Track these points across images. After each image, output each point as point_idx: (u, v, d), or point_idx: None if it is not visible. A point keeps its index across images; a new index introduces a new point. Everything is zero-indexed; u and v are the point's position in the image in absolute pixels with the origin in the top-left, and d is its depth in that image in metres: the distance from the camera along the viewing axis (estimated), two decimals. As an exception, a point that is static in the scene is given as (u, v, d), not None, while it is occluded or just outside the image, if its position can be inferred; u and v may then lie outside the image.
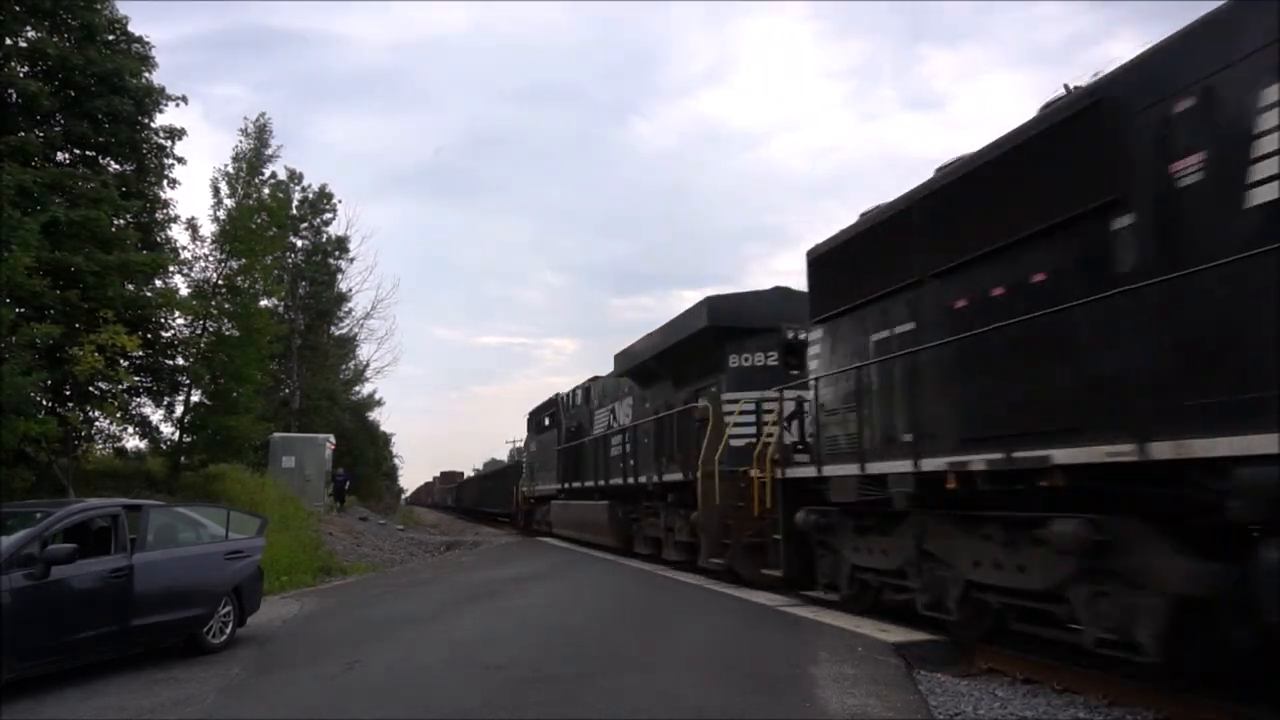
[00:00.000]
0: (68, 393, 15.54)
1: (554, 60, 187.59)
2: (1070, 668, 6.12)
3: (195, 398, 17.72)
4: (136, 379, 16.73)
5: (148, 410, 17.67)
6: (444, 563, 19.74)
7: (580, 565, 16.18)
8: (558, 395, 23.31)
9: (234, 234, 17.98)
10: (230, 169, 19.64)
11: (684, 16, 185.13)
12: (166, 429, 17.89)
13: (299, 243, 34.98)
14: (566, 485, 20.53)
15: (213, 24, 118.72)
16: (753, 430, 11.02)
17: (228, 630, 8.24)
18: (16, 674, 6.21)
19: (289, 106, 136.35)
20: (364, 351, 41.24)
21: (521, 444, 34.11)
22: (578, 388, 21.50)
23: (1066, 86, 6.52)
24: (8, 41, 15.51)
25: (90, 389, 15.20)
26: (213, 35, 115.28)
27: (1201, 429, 4.52)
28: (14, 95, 15.07)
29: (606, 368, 20.65)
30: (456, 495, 56.42)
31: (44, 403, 14.76)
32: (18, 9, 15.47)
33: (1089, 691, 5.74)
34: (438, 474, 71.47)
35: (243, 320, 17.80)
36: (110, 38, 16.82)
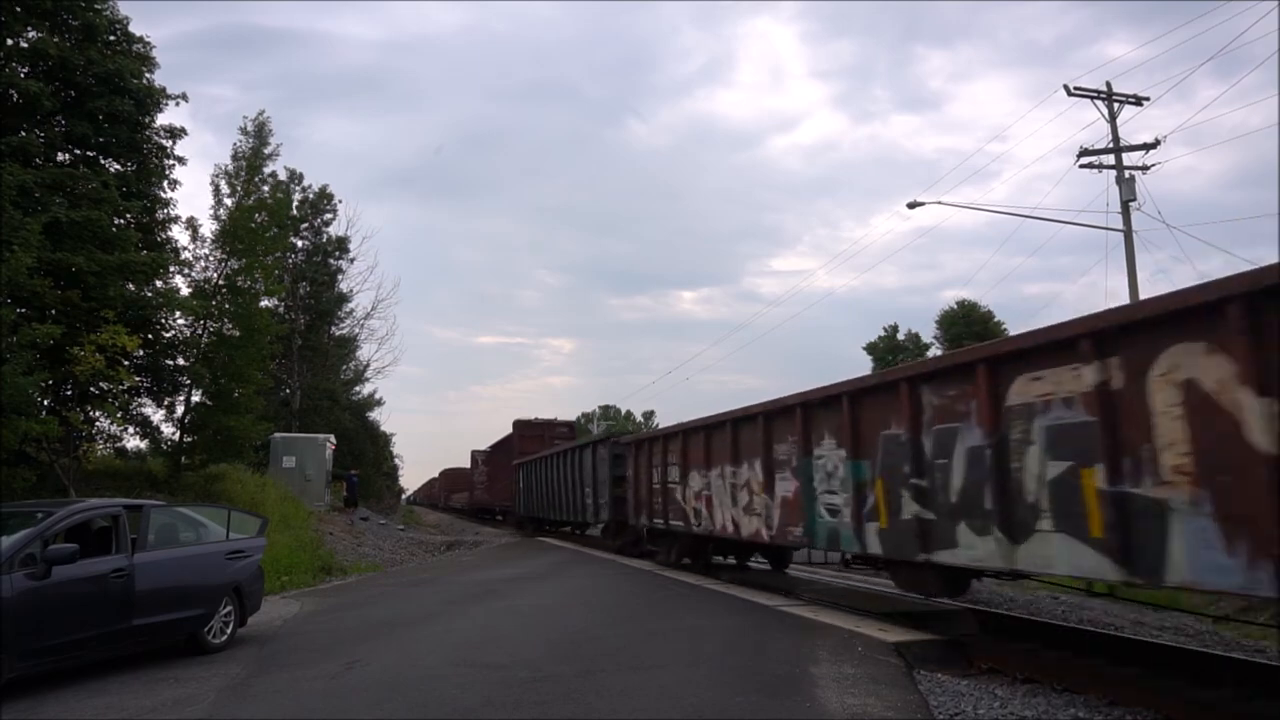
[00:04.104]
0: (68, 393, 15.55)
1: (548, 60, 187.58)
2: (1070, 668, 6.13)
3: (196, 398, 17.70)
4: (137, 379, 16.73)
5: (148, 410, 17.67)
6: (444, 562, 19.75)
7: (581, 565, 16.19)
8: None
9: (234, 233, 17.98)
10: (230, 168, 19.64)
11: (676, 16, 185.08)
12: (167, 429, 17.89)
13: (299, 243, 34.98)
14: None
15: (201, 23, 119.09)
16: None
17: (228, 630, 8.25)
18: (17, 673, 6.22)
19: (280, 106, 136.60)
20: (364, 351, 41.25)
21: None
22: None
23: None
24: (9, 42, 15.52)
25: (91, 389, 15.20)
26: (201, 34, 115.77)
27: None
28: (15, 95, 15.09)
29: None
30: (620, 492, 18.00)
31: (45, 403, 14.77)
32: (18, 9, 15.48)
33: (1089, 691, 5.74)
34: (482, 449, 39.36)
35: (243, 320, 17.79)
36: (111, 38, 16.84)
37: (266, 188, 20.25)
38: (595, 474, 18.71)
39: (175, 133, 17.82)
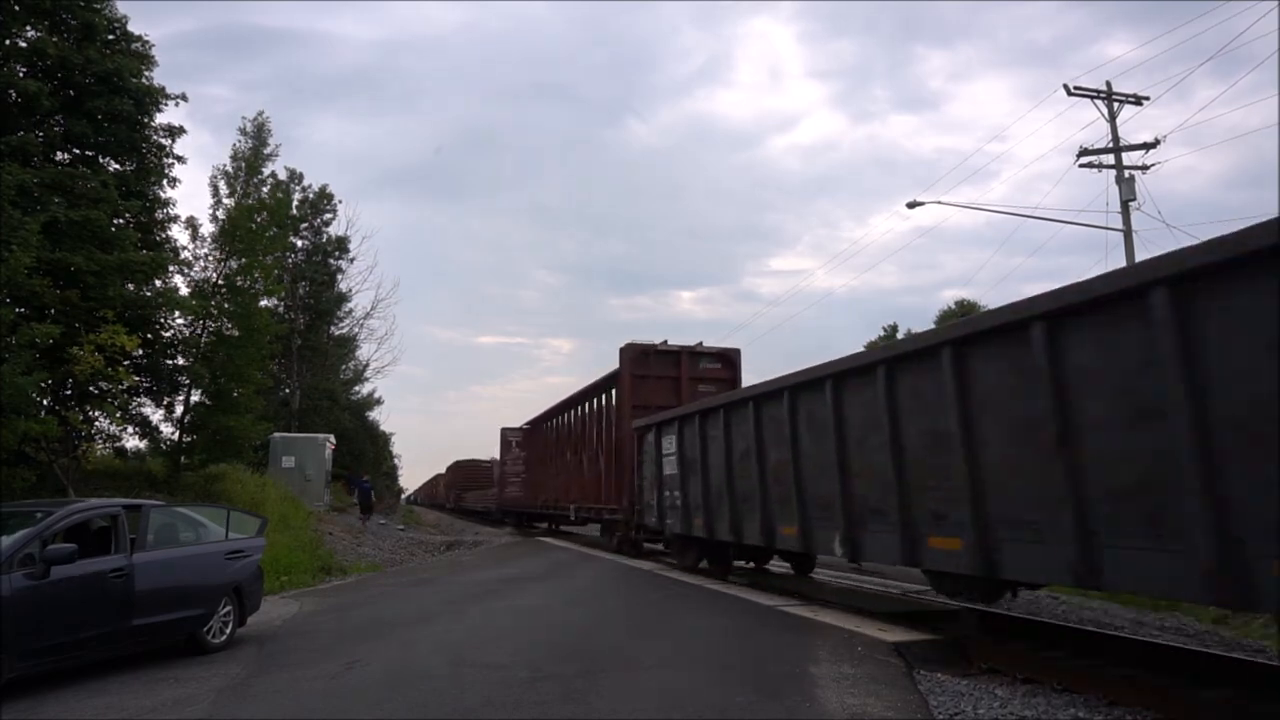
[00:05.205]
0: (68, 393, 15.53)
1: (548, 59, 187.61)
2: (1070, 667, 6.13)
3: (195, 398, 17.71)
4: (136, 379, 16.72)
5: (148, 410, 17.67)
6: (444, 562, 19.73)
7: (581, 565, 16.18)
8: None
9: (233, 234, 17.98)
10: (229, 168, 19.66)
11: (676, 16, 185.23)
12: (166, 429, 17.90)
13: (299, 243, 35.05)
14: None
15: (199, 22, 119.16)
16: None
17: (228, 630, 8.24)
18: (17, 674, 6.22)
19: (278, 106, 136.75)
20: (364, 351, 41.34)
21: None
22: None
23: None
24: (7, 41, 15.50)
25: (90, 389, 15.20)
26: (199, 34, 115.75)
27: None
28: (14, 95, 15.08)
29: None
30: None
31: (44, 403, 14.76)
32: (17, 8, 15.47)
33: (1089, 691, 5.74)
34: (516, 427, 29.72)
35: (243, 320, 17.79)
36: (110, 38, 16.83)
37: (266, 188, 20.27)
38: None
39: (174, 132, 17.82)
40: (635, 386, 16.79)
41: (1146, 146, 20.96)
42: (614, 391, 18.07)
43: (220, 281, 18.04)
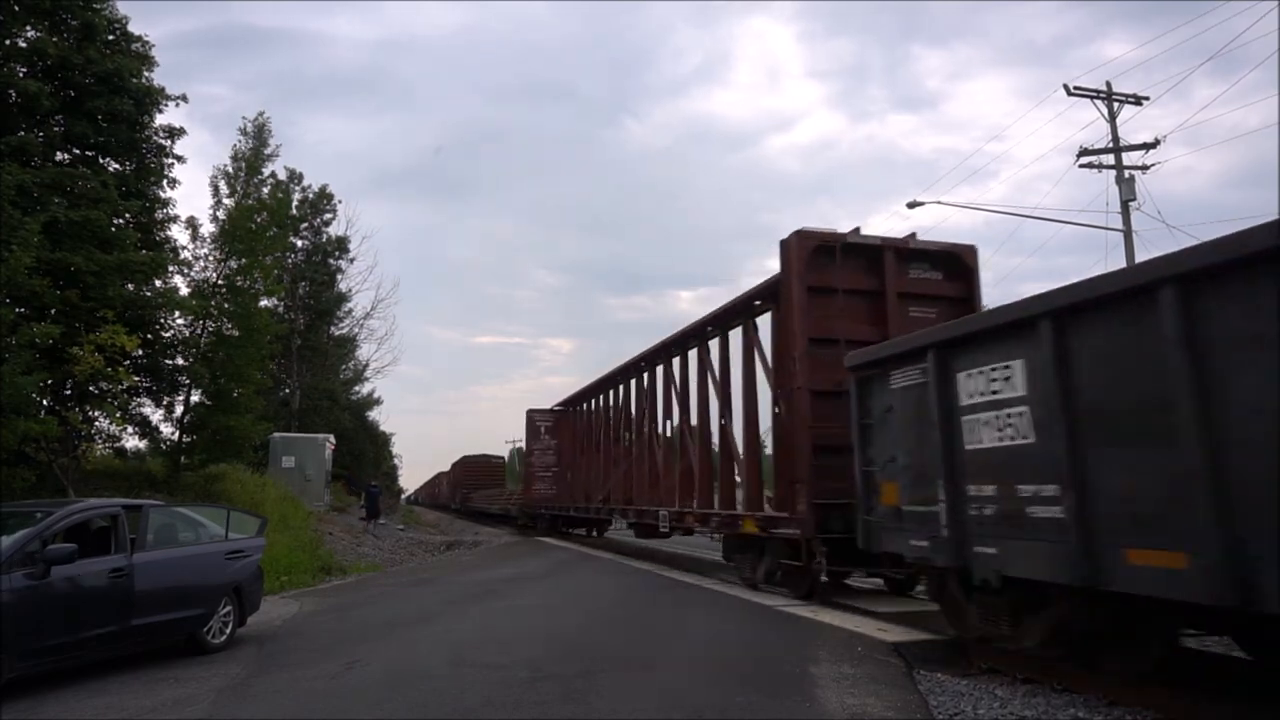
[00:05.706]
0: (68, 393, 15.53)
1: (545, 60, 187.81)
2: (1070, 668, 6.12)
3: (195, 398, 17.71)
4: (136, 379, 16.71)
5: (148, 410, 17.67)
6: (444, 562, 19.74)
7: (581, 565, 16.18)
8: None
9: (234, 234, 17.98)
10: (230, 168, 19.66)
11: (673, 16, 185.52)
12: (166, 429, 17.90)
13: (299, 243, 35.07)
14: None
15: (197, 22, 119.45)
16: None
17: (228, 630, 8.24)
18: (17, 673, 6.21)
19: (276, 106, 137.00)
20: (364, 351, 41.38)
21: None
22: None
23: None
24: (7, 41, 15.50)
25: (90, 389, 15.20)
26: (197, 34, 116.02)
27: None
28: (14, 95, 15.08)
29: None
30: None
31: (44, 403, 14.76)
32: (17, 8, 15.47)
33: (1089, 691, 5.74)
34: (545, 409, 25.66)
35: (243, 320, 17.79)
36: (110, 38, 16.83)
37: (266, 188, 20.26)
38: None
39: (174, 132, 17.82)
40: (810, 305, 10.20)
41: (1146, 146, 20.98)
42: (762, 320, 11.68)
43: (220, 281, 18.02)
